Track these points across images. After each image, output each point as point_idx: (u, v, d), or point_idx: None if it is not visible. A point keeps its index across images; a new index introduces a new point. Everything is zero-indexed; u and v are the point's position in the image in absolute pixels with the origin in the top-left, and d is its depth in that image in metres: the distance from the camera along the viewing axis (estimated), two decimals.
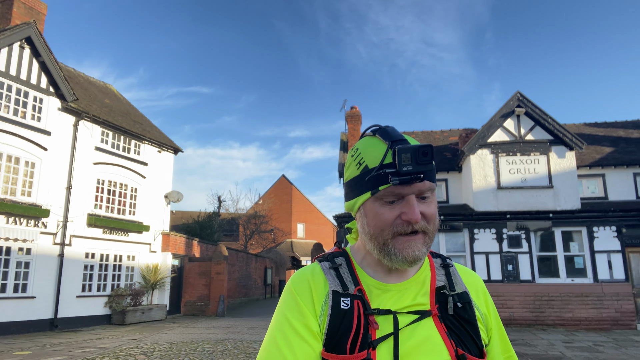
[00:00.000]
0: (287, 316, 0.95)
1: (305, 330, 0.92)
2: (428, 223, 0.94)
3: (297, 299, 0.97)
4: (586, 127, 21.18)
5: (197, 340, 11.99)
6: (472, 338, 0.96)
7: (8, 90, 13.55)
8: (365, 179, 0.95)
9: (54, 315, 14.13)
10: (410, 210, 0.91)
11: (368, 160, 0.96)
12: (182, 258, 20.20)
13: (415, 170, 0.89)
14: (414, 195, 0.92)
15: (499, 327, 1.08)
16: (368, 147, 0.98)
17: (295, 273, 1.05)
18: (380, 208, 0.94)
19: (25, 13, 16.92)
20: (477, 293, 1.06)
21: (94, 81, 20.14)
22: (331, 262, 1.03)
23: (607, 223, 15.55)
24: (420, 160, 0.88)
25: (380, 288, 0.98)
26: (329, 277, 0.99)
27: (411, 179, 0.90)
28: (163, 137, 19.61)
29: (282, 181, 43.57)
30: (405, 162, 0.88)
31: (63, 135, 14.93)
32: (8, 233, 12.96)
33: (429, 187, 0.93)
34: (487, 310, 1.06)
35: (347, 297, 0.95)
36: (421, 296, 0.98)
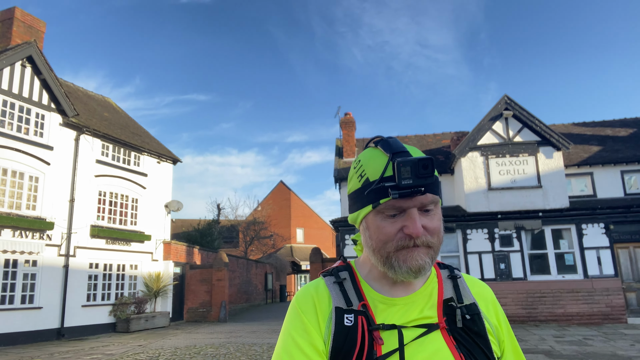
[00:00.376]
0: (293, 335, 0.94)
1: (310, 349, 0.91)
2: (432, 236, 0.93)
3: (302, 317, 0.96)
4: (575, 127, 21.70)
5: (200, 345, 12.41)
6: (483, 351, 0.94)
7: (11, 108, 14.02)
8: (367, 192, 0.95)
9: (60, 325, 14.54)
10: (411, 224, 0.90)
11: (369, 172, 0.96)
12: (184, 266, 20.63)
13: (415, 184, 0.88)
14: (415, 208, 0.91)
15: (511, 339, 1.05)
16: (369, 159, 0.98)
17: (300, 290, 1.05)
18: (381, 222, 0.94)
19: (25, 32, 17.41)
20: (487, 304, 1.04)
21: (93, 95, 20.62)
22: (335, 277, 1.02)
23: (595, 220, 16.03)
24: (421, 174, 0.87)
25: (385, 302, 0.97)
26: (332, 293, 0.98)
27: (411, 192, 0.89)
28: (162, 148, 20.09)
29: (280, 187, 44.03)
30: (404, 176, 0.87)
31: (65, 150, 15.40)
32: (15, 246, 13.40)
33: (431, 200, 0.92)
34: (498, 322, 1.03)
35: (351, 314, 0.94)
36: (428, 309, 0.97)
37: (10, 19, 17.14)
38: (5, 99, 13.86)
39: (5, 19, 17.27)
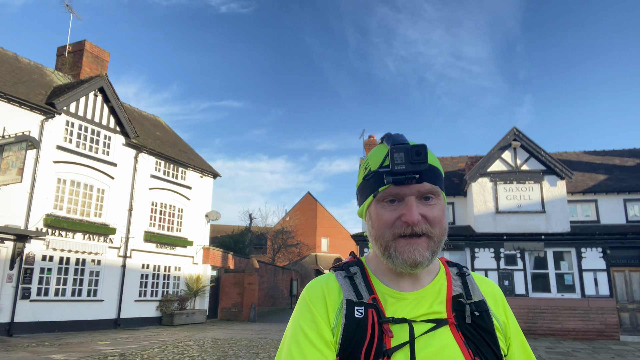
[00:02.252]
0: (301, 325, 0.95)
1: (318, 339, 0.92)
2: (432, 227, 0.93)
3: (311, 308, 0.97)
4: (585, 155, 23.11)
5: (235, 338, 14.64)
6: (490, 347, 0.94)
7: (85, 131, 16.71)
8: (367, 179, 0.98)
9: (117, 316, 17.07)
10: (408, 212, 0.91)
11: (371, 164, 0.98)
12: (219, 269, 23.03)
13: (409, 170, 0.89)
14: (413, 196, 0.92)
15: (519, 337, 1.05)
16: (374, 153, 1.00)
17: (310, 282, 1.05)
18: (381, 210, 0.95)
19: (93, 61, 20.30)
20: (496, 302, 1.04)
21: (146, 115, 23.37)
22: (346, 271, 1.02)
23: (593, 245, 17.54)
24: (414, 160, 0.88)
25: (395, 296, 0.97)
26: (343, 286, 0.99)
27: (406, 178, 0.90)
28: (204, 164, 22.61)
29: (307, 198, 46.28)
30: (398, 162, 0.89)
31: (126, 166, 18.03)
32: (84, 247, 16.01)
33: (429, 189, 0.93)
34: (507, 319, 1.04)
35: (361, 306, 0.94)
36: (437, 305, 0.97)
37: (81, 50, 20.05)
38: (81, 123, 16.56)
39: (77, 50, 20.20)
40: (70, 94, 15.74)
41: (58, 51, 20.49)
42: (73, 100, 16.07)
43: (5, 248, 13.83)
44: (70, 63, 19.94)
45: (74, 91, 15.90)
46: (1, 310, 13.59)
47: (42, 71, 18.15)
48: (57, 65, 20.14)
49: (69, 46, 20.24)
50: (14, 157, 13.39)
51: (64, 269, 15.51)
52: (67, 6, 20.47)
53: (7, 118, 14.10)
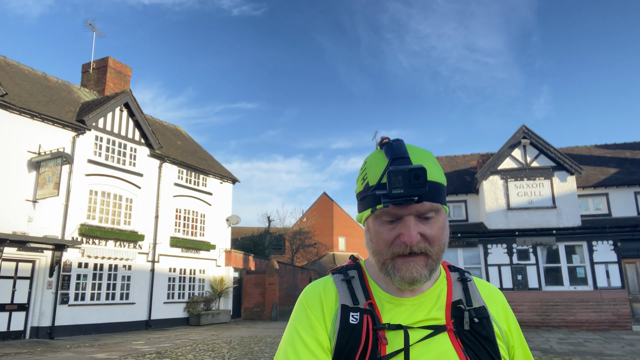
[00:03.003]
0: (298, 330, 0.95)
1: (315, 344, 0.92)
2: (430, 245, 0.92)
3: (309, 313, 0.97)
4: (596, 149, 23.40)
5: (260, 336, 15.49)
6: (490, 355, 0.93)
7: (112, 144, 17.74)
8: (364, 197, 0.97)
9: (148, 317, 18.08)
10: (406, 232, 0.90)
11: (370, 177, 0.96)
12: (241, 271, 23.97)
13: (406, 194, 0.87)
14: (411, 216, 0.91)
15: (522, 344, 1.04)
16: (372, 162, 0.98)
17: (308, 286, 1.05)
18: (380, 227, 0.94)
19: (116, 76, 21.38)
20: (497, 308, 1.03)
21: (167, 125, 24.40)
22: (344, 275, 1.02)
23: (604, 238, 17.95)
24: (412, 184, 0.86)
25: (392, 302, 0.96)
26: (340, 291, 0.99)
27: (404, 201, 0.88)
28: (224, 171, 23.55)
29: (323, 198, 47.07)
30: (395, 185, 0.87)
31: (151, 176, 19.03)
32: (116, 254, 17.05)
33: (429, 208, 0.91)
34: (508, 327, 1.02)
35: (357, 312, 0.94)
36: (436, 310, 0.96)
37: (105, 66, 21.15)
38: (109, 137, 17.59)
39: (100, 67, 21.31)
40: (98, 110, 16.77)
41: (83, 68, 21.62)
42: (101, 116, 17.10)
43: (45, 257, 14.90)
44: (95, 79, 21.04)
45: (101, 107, 16.92)
46: (43, 315, 14.67)
47: (69, 88, 19.25)
48: (83, 82, 21.27)
49: (93, 63, 21.35)
50: (50, 172, 14.44)
51: (98, 275, 16.56)
52: (90, 25, 21.57)
53: (43, 136, 15.17)
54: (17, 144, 14.49)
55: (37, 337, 14.43)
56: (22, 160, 14.57)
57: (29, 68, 18.29)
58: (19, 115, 14.55)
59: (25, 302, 14.46)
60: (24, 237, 13.89)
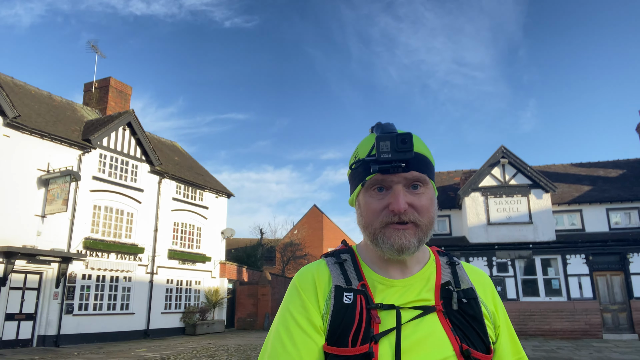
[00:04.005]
0: (291, 310, 0.97)
1: (308, 324, 0.94)
2: (420, 215, 0.94)
3: (301, 294, 0.98)
4: (571, 167, 24.84)
5: (255, 344, 16.42)
6: (478, 334, 0.96)
7: (115, 162, 18.70)
8: (356, 169, 0.99)
9: (146, 327, 18.91)
10: (395, 200, 0.92)
11: (360, 153, 0.99)
12: (235, 282, 24.86)
13: (394, 158, 0.89)
14: (400, 185, 0.93)
15: (508, 327, 1.08)
16: (363, 142, 1.02)
17: (301, 269, 1.07)
18: (369, 198, 0.96)
19: (117, 95, 22.38)
20: (485, 290, 1.06)
21: (164, 141, 25.38)
22: (336, 258, 1.05)
23: (577, 252, 19.25)
24: (399, 148, 0.89)
25: (384, 283, 0.99)
26: (333, 272, 1.01)
27: (392, 167, 0.90)
28: (219, 185, 24.55)
29: (313, 210, 48.13)
30: (383, 150, 0.89)
31: (151, 191, 19.98)
32: (117, 266, 17.91)
33: (416, 176, 0.94)
34: (495, 308, 1.06)
35: (350, 292, 0.96)
36: (426, 292, 0.99)
37: (107, 86, 22.16)
38: (112, 155, 18.55)
39: (103, 86, 22.31)
40: (103, 130, 17.74)
41: (85, 87, 22.60)
42: (105, 135, 18.07)
43: (52, 269, 15.75)
44: (97, 98, 22.02)
45: (106, 127, 17.90)
46: (49, 324, 15.48)
47: (73, 107, 20.19)
48: (85, 100, 22.23)
49: (95, 82, 22.34)
50: (59, 189, 15.35)
51: (100, 286, 17.41)
52: (93, 46, 22.58)
53: (51, 154, 16.09)
54: (28, 162, 15.40)
55: (43, 345, 15.22)
56: (32, 178, 15.48)
57: (35, 88, 19.21)
58: (29, 135, 15.48)
59: (33, 312, 15.27)
60: (33, 250, 14.75)
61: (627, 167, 23.99)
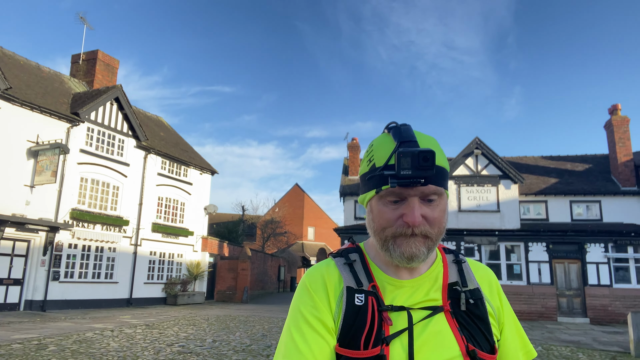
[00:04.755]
0: (302, 311, 0.97)
1: (319, 325, 0.94)
2: (431, 227, 0.95)
3: (312, 294, 0.99)
4: (542, 160, 26.11)
5: (233, 315, 17.41)
6: (484, 334, 0.98)
7: (103, 136, 19.16)
8: (370, 177, 0.99)
9: (129, 296, 19.73)
10: (410, 213, 0.93)
11: (377, 158, 0.99)
12: (216, 257, 25.74)
13: (414, 175, 0.90)
14: (416, 197, 0.94)
15: (514, 322, 1.09)
16: (380, 145, 1.01)
17: (310, 269, 1.08)
18: (383, 207, 0.97)
19: (104, 68, 22.65)
20: (491, 288, 1.08)
21: (150, 116, 25.75)
22: (345, 258, 1.05)
23: (539, 240, 20.58)
24: (420, 165, 0.89)
25: (393, 284, 1.00)
26: (343, 273, 1.01)
27: (411, 182, 0.91)
28: (204, 162, 25.15)
29: (295, 189, 49.01)
30: (404, 166, 0.90)
31: (137, 166, 20.53)
32: (103, 237, 18.58)
33: (433, 190, 0.94)
34: (500, 304, 1.07)
35: (362, 294, 0.97)
36: (434, 292, 1.00)
37: (94, 59, 22.40)
38: (100, 129, 19.00)
39: (90, 59, 22.54)
40: (91, 104, 18.16)
41: (72, 59, 22.76)
42: (93, 110, 18.49)
43: (39, 237, 16.36)
44: (84, 70, 22.25)
45: (94, 101, 18.31)
46: (36, 289, 16.18)
47: (60, 79, 20.45)
48: (72, 72, 22.43)
49: (83, 55, 22.52)
50: (48, 161, 15.86)
51: (85, 255, 18.10)
52: (82, 18, 22.66)
53: (40, 126, 16.52)
54: (18, 134, 15.82)
55: (30, 309, 15.95)
56: (22, 149, 15.93)
57: (23, 58, 19.41)
58: (20, 107, 15.87)
59: (21, 278, 15.93)
60: (22, 219, 15.33)
61: (594, 162, 25.34)
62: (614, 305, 19.63)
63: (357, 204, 24.48)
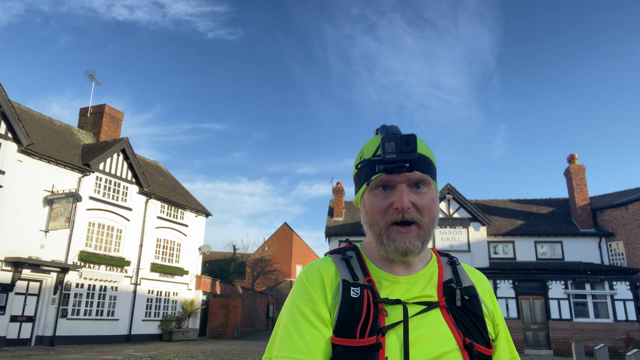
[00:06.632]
0: (298, 304, 0.99)
1: (315, 317, 0.95)
2: (421, 214, 0.98)
3: (309, 288, 1.00)
4: (510, 203, 28.49)
5: (226, 349, 18.96)
6: (479, 330, 1.00)
7: (109, 184, 21.11)
8: (361, 170, 1.03)
9: (129, 332, 21.16)
10: (398, 199, 0.96)
11: (365, 153, 1.04)
12: (209, 294, 27.26)
13: (399, 158, 0.94)
14: (404, 184, 0.97)
15: (504, 327, 1.11)
16: (368, 143, 1.05)
17: (307, 265, 1.09)
18: (374, 197, 1.00)
19: (110, 120, 24.81)
20: (484, 290, 1.11)
21: (149, 162, 27.79)
22: (342, 254, 1.08)
23: (506, 277, 22.61)
24: (404, 149, 0.93)
25: (389, 279, 1.02)
26: (339, 268, 1.03)
27: (396, 167, 0.95)
28: (199, 205, 27.08)
29: (284, 227, 50.79)
30: (388, 150, 0.94)
31: (139, 210, 22.40)
32: (106, 277, 20.22)
33: (419, 177, 0.98)
34: (494, 307, 1.10)
35: (357, 287, 0.98)
36: (429, 288, 1.02)
37: (101, 112, 24.59)
38: (107, 177, 20.97)
39: (97, 112, 24.71)
40: (101, 156, 20.19)
41: (80, 112, 24.92)
42: (102, 161, 20.51)
43: (51, 278, 17.99)
44: (92, 122, 24.38)
45: (103, 153, 20.36)
46: (47, 326, 17.67)
47: (70, 131, 22.51)
48: (80, 124, 24.55)
49: (91, 108, 24.71)
50: (62, 208, 17.71)
51: (91, 294, 19.68)
52: (90, 75, 25.00)
53: (55, 177, 18.45)
54: (36, 184, 17.72)
55: (41, 344, 17.39)
56: (39, 197, 17.79)
57: (38, 113, 21.50)
58: (39, 160, 17.84)
59: (33, 315, 17.45)
60: (37, 261, 17.02)
61: (557, 205, 27.78)
62: (574, 337, 21.52)
63: (341, 244, 26.38)
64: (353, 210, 28.91)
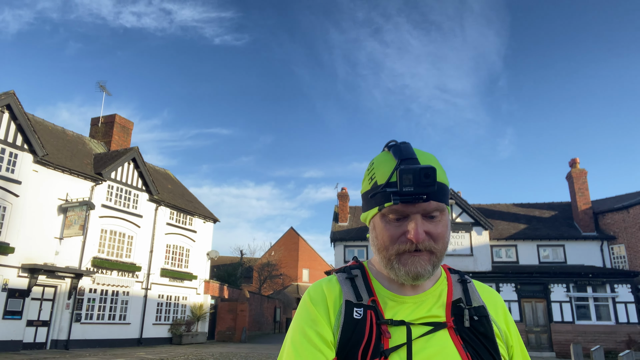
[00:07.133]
0: (302, 325, 0.97)
1: (318, 339, 0.94)
2: (435, 242, 0.96)
3: (313, 309, 0.99)
4: (513, 207, 28.85)
5: (234, 352, 19.49)
6: (490, 352, 0.96)
7: (121, 192, 21.78)
8: (374, 194, 0.99)
9: (140, 336, 21.77)
10: (413, 230, 0.93)
11: (378, 176, 1.00)
12: (217, 299, 27.85)
13: (416, 192, 0.91)
14: (418, 214, 0.94)
15: (521, 348, 1.07)
16: (380, 163, 1.02)
17: (313, 284, 1.08)
18: (386, 224, 0.98)
19: (120, 130, 25.52)
20: (497, 310, 1.07)
21: (158, 169, 28.47)
22: (347, 273, 1.06)
23: (509, 281, 22.98)
24: (422, 182, 0.90)
25: (395, 300, 1.00)
26: (344, 288, 1.02)
27: (413, 199, 0.92)
28: (207, 212, 27.71)
29: (290, 232, 51.34)
30: (406, 183, 0.91)
31: (149, 217, 23.05)
32: (118, 282, 20.85)
33: (435, 207, 0.95)
34: (507, 328, 1.06)
35: (360, 307, 0.97)
36: (436, 308, 1.00)
37: (112, 122, 25.31)
38: (118, 186, 21.64)
39: (108, 122, 25.44)
40: (112, 165, 20.88)
41: (92, 121, 25.68)
42: (114, 170, 21.19)
43: (65, 283, 18.64)
44: (102, 132, 25.11)
45: (115, 163, 21.05)
46: (61, 330, 18.31)
47: (82, 141, 23.24)
48: (91, 133, 25.29)
49: (102, 118, 25.46)
50: (76, 216, 18.38)
51: (103, 299, 20.31)
52: (101, 87, 25.76)
53: (69, 186, 19.13)
54: (50, 193, 18.41)
55: (56, 348, 18.03)
56: (53, 206, 18.47)
57: (51, 124, 22.24)
58: (53, 170, 18.53)
59: (48, 320, 18.10)
60: (52, 267, 17.67)
61: (559, 209, 28.10)
62: (576, 340, 21.84)
63: (346, 249, 26.84)
64: (358, 215, 29.41)
